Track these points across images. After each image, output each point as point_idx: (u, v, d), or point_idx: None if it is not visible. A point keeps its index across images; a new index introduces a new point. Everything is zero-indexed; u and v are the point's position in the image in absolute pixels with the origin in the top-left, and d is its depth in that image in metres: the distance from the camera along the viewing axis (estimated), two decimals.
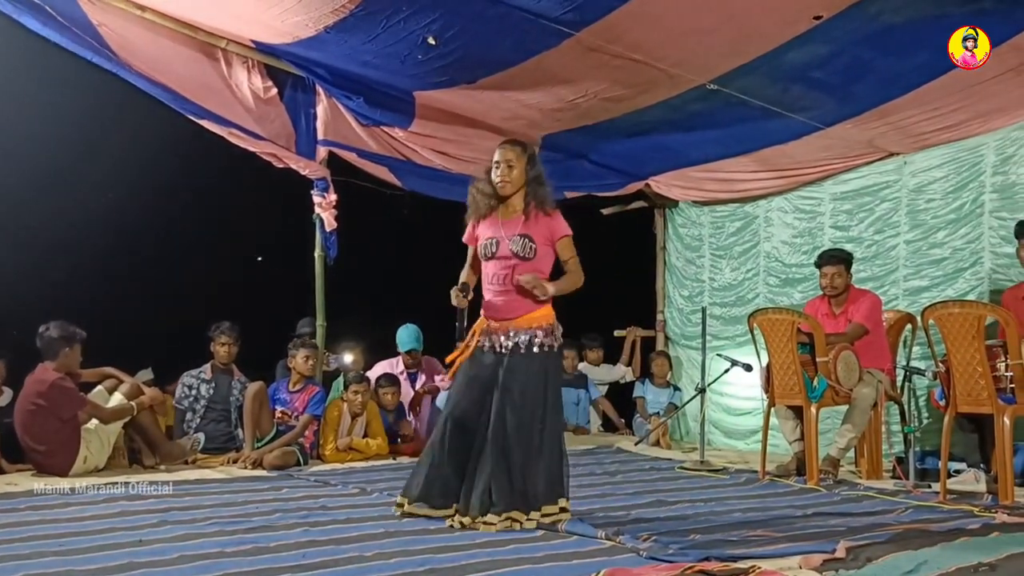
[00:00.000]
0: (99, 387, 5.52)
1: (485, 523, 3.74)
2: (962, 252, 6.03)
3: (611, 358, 8.48)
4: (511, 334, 3.95)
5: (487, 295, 4.06)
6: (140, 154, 6.60)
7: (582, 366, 8.19)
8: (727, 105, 5.83)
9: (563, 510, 3.91)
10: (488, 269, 4.05)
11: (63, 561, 3.16)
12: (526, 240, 3.96)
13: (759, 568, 3.05)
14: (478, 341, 4.02)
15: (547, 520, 3.82)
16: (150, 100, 5.87)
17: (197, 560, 3.18)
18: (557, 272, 4.08)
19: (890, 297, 6.32)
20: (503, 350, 3.95)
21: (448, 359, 4.15)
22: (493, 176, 4.02)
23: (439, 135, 6.69)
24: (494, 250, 4.00)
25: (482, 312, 4.07)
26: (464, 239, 4.19)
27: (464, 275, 4.16)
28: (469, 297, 4.07)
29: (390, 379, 6.61)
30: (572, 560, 3.24)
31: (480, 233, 4.09)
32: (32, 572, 3.01)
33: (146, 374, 6.13)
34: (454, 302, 4.05)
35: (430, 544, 3.48)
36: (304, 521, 3.92)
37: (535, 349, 3.94)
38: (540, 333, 3.95)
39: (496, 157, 4.04)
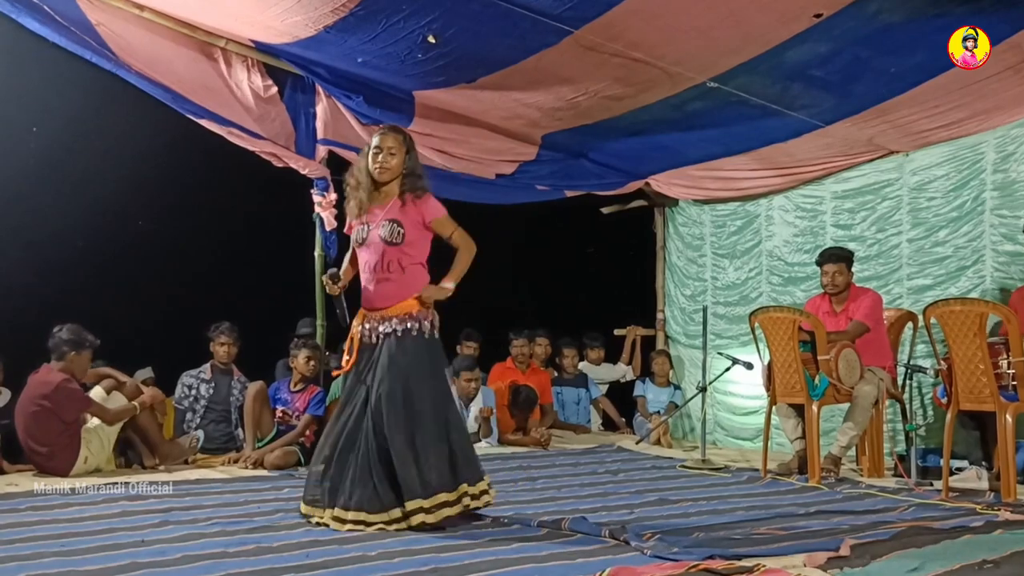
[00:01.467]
0: (96, 387, 5.50)
1: (353, 521, 3.69)
2: (964, 250, 6.03)
3: (611, 357, 8.49)
4: (386, 323, 3.89)
5: (362, 283, 4.00)
6: (139, 154, 6.59)
7: (583, 365, 8.20)
8: (727, 103, 5.83)
9: (462, 497, 3.78)
10: (361, 257, 4.00)
11: (65, 562, 3.15)
12: (394, 225, 3.89)
13: (764, 566, 3.05)
14: (359, 331, 3.97)
15: (434, 514, 3.68)
16: (149, 100, 5.86)
17: (200, 560, 3.17)
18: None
19: (894, 296, 6.32)
20: (378, 339, 3.89)
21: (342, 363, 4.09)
22: (371, 163, 3.95)
23: (439, 134, 6.69)
24: (364, 236, 3.96)
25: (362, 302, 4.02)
26: (345, 230, 4.16)
27: (344, 264, 4.15)
28: (341, 284, 4.02)
29: None
30: (576, 559, 3.23)
31: (354, 223, 4.06)
32: (34, 573, 3.00)
33: (145, 373, 6.13)
34: (327, 290, 4.06)
35: (433, 543, 3.47)
36: (306, 521, 3.91)
37: (412, 334, 3.87)
38: (415, 321, 3.88)
39: (375, 143, 3.97)
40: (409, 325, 3.88)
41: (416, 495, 3.70)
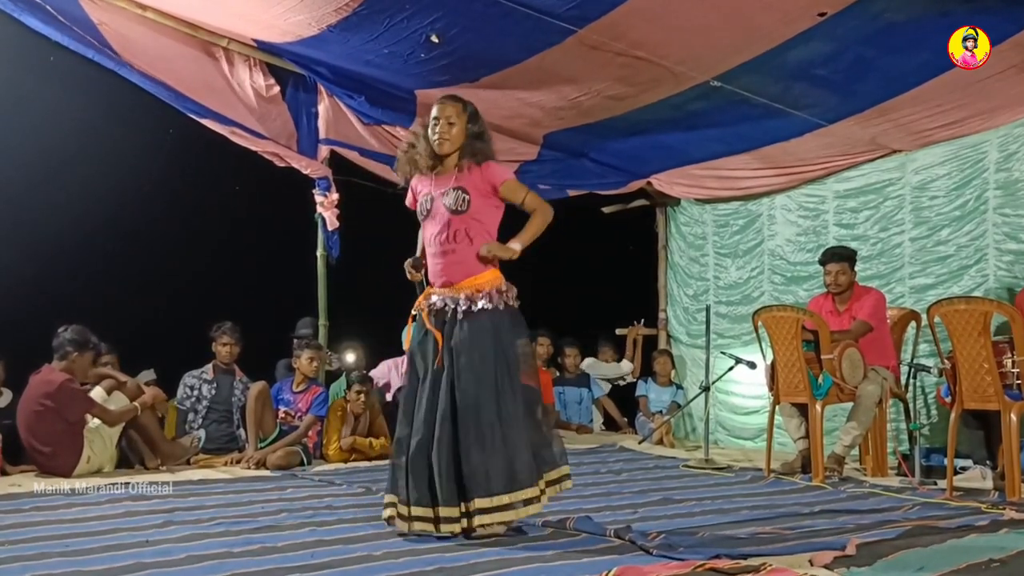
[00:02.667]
0: (97, 388, 5.50)
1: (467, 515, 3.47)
2: (966, 249, 6.02)
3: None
4: (455, 299, 3.59)
5: (428, 259, 3.74)
6: (141, 153, 6.59)
7: (588, 361, 8.18)
8: (729, 103, 5.83)
9: (550, 483, 3.61)
10: (426, 231, 3.73)
11: (69, 562, 3.14)
12: (459, 192, 3.62)
13: (770, 566, 3.03)
14: (424, 310, 3.67)
15: (529, 504, 3.52)
16: (151, 99, 5.86)
17: (204, 560, 3.16)
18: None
19: (896, 295, 6.31)
20: (447, 317, 3.60)
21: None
22: (431, 133, 3.67)
23: None
24: (428, 207, 3.69)
25: (428, 279, 3.74)
26: (407, 203, 3.86)
27: (419, 248, 3.84)
28: (423, 270, 3.77)
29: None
30: (582, 558, 3.22)
31: (417, 193, 3.79)
32: (39, 573, 2.99)
33: (148, 375, 6.12)
34: (408, 277, 3.78)
35: (439, 543, 3.45)
36: (311, 521, 3.90)
37: (484, 307, 3.55)
38: (486, 296, 3.58)
39: (434, 113, 3.68)
40: (481, 299, 3.57)
41: (480, 494, 3.47)
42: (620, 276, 8.61)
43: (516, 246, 3.65)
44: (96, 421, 5.32)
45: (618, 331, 8.56)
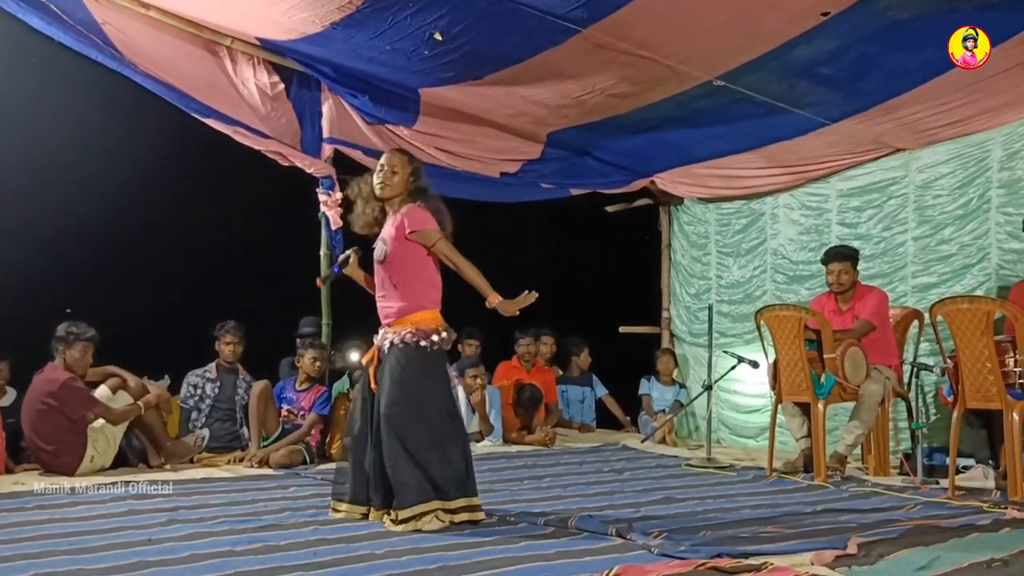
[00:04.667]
0: (102, 386, 5.50)
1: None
2: (969, 248, 6.02)
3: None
4: (388, 335, 3.96)
5: None
6: (145, 153, 6.59)
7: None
8: (733, 101, 5.82)
9: (422, 515, 3.74)
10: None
11: (73, 560, 3.15)
12: (381, 244, 3.99)
13: (771, 564, 3.04)
14: (376, 342, 4.06)
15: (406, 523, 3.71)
16: (155, 99, 5.86)
17: (208, 559, 3.17)
18: (442, 269, 4.04)
19: (899, 294, 6.31)
20: (383, 351, 3.98)
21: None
22: (375, 178, 4.03)
23: (444, 133, 6.69)
24: (373, 255, 4.08)
25: None
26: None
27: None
28: (350, 260, 4.15)
29: None
30: (584, 557, 3.22)
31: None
32: (42, 571, 3.00)
33: (164, 383, 6.13)
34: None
35: (441, 541, 3.47)
36: (314, 519, 3.92)
37: (400, 345, 3.90)
38: (410, 333, 3.90)
39: (381, 161, 4.06)
40: (405, 336, 3.90)
41: (400, 504, 3.75)
42: (623, 275, 8.61)
43: (496, 299, 3.91)
44: (101, 420, 5.33)
45: (622, 329, 8.56)
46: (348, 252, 4.18)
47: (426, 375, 3.92)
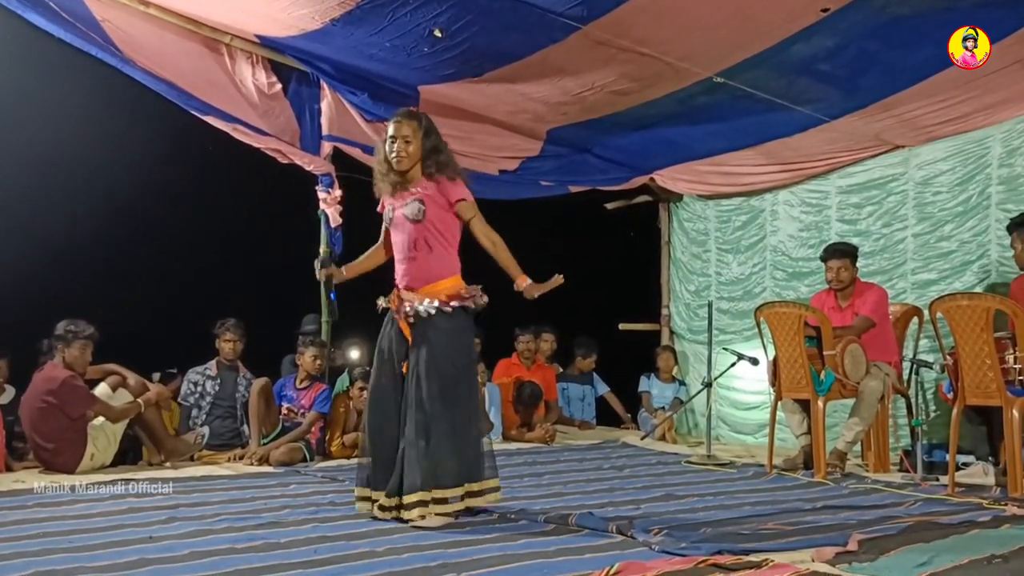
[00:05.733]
0: (102, 384, 5.50)
1: (404, 507, 3.71)
2: (969, 245, 6.02)
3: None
4: (416, 303, 3.85)
5: (396, 264, 4.02)
6: (144, 151, 6.59)
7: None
8: (733, 98, 5.82)
9: (469, 494, 3.81)
10: (392, 238, 4.04)
11: (73, 558, 3.15)
12: (417, 203, 3.89)
13: (772, 561, 3.04)
14: (392, 312, 3.94)
15: (453, 505, 3.74)
16: (154, 96, 5.86)
17: (208, 556, 3.17)
18: (466, 236, 4.03)
19: (899, 291, 6.31)
20: (410, 320, 3.86)
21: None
22: (388, 151, 3.94)
23: (443, 131, 6.52)
24: (391, 217, 4.00)
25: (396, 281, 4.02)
26: (378, 208, 4.16)
27: (369, 251, 4.21)
28: (330, 269, 4.16)
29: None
30: (584, 554, 3.22)
31: (384, 202, 4.09)
32: (42, 569, 2.99)
33: (176, 382, 6.14)
34: (316, 276, 4.22)
35: (441, 539, 3.47)
36: (314, 517, 3.91)
37: (443, 311, 3.82)
38: (442, 301, 3.83)
39: (391, 131, 3.94)
40: (440, 304, 3.82)
41: (414, 488, 3.71)
42: (622, 272, 8.61)
43: (525, 281, 3.99)
44: (101, 418, 5.33)
45: (621, 326, 8.56)
46: (323, 270, 4.17)
47: (464, 344, 3.91)
